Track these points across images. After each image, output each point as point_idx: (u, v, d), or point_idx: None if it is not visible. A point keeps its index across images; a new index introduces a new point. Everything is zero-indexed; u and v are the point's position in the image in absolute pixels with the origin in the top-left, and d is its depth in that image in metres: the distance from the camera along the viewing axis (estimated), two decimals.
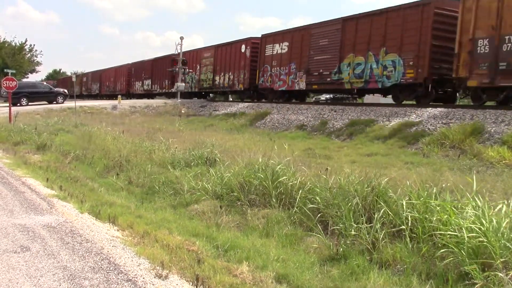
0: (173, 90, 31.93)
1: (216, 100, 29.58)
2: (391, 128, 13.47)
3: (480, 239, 3.68)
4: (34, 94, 29.49)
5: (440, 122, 12.58)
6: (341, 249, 4.34)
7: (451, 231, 3.92)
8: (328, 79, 19.57)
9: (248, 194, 6.04)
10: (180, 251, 4.34)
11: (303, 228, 5.11)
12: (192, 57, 31.04)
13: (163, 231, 5.03)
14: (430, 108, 14.38)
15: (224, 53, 27.29)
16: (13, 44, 49.68)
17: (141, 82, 38.00)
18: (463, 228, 3.85)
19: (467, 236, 3.73)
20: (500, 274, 3.37)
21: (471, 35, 13.32)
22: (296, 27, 22.45)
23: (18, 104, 26.80)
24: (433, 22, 15.14)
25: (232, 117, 21.73)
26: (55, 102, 29.87)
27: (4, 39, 49.14)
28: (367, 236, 4.41)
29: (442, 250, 3.86)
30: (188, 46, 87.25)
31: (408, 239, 4.23)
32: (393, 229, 4.49)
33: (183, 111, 26.46)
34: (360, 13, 18.43)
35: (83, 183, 7.76)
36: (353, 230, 4.56)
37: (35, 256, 4.07)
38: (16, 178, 7.82)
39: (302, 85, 21.16)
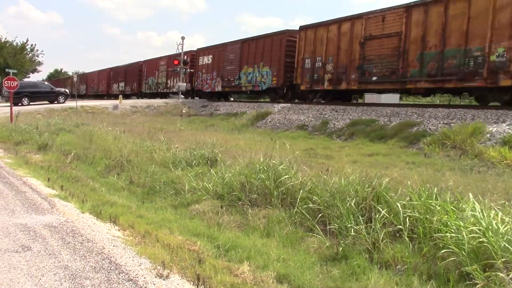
0: (174, 90, 32.30)
1: (217, 100, 29.64)
2: (392, 128, 13.46)
3: (480, 239, 3.68)
4: (35, 94, 29.55)
5: (441, 122, 12.57)
6: (341, 248, 4.34)
7: (452, 232, 3.92)
8: (233, 84, 26.57)
9: (249, 194, 6.04)
10: (181, 251, 4.34)
11: (304, 228, 5.11)
12: (152, 65, 37.76)
13: (164, 231, 5.03)
14: (431, 108, 14.38)
15: (173, 62, 33.29)
16: (15, 44, 49.81)
17: (117, 84, 45.24)
18: (463, 228, 3.85)
19: (468, 237, 3.73)
20: (501, 275, 3.37)
21: (302, 55, 20.91)
22: (217, 44, 29.13)
23: (20, 104, 26.86)
24: (286, 46, 22.35)
25: (233, 117, 21.74)
26: (56, 102, 29.93)
27: (6, 38, 49.28)
28: (367, 236, 4.41)
29: (442, 251, 3.86)
30: (189, 46, 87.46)
31: (407, 240, 4.23)
32: (393, 229, 4.49)
33: (184, 111, 26.48)
34: (250, 37, 25.42)
35: (84, 183, 7.76)
36: (352, 230, 4.56)
37: (36, 255, 4.08)
38: (18, 178, 7.83)
39: (219, 88, 28.23)
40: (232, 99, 33.13)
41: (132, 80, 41.15)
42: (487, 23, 13.02)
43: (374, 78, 17.12)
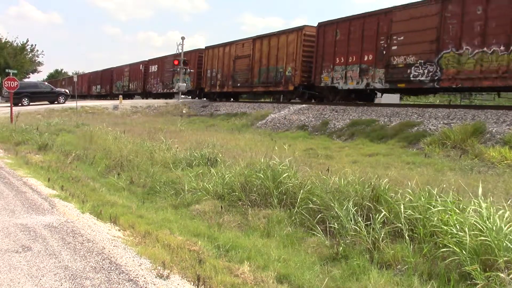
0: (174, 90, 32.31)
1: (217, 100, 29.67)
2: (392, 128, 13.47)
3: (481, 238, 3.68)
4: (35, 94, 29.55)
5: (441, 122, 12.57)
6: (341, 248, 4.34)
7: (453, 231, 3.92)
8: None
9: (249, 194, 6.04)
10: (181, 251, 4.34)
11: (304, 228, 5.11)
12: (119, 71, 45.83)
13: (164, 231, 5.03)
14: (431, 109, 14.38)
15: (133, 69, 42.26)
16: (15, 44, 49.83)
17: (95, 86, 53.18)
18: (463, 229, 3.85)
19: (469, 235, 3.73)
20: (502, 275, 3.37)
21: (205, 67, 29.58)
22: (160, 57, 37.01)
23: (20, 104, 26.87)
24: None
25: (234, 117, 21.74)
26: (56, 102, 29.94)
27: (6, 39, 49.29)
28: (368, 236, 4.41)
29: (442, 250, 3.85)
30: (190, 46, 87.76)
31: (407, 239, 4.23)
32: (394, 229, 4.49)
33: (184, 111, 26.48)
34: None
35: (84, 183, 7.76)
36: (352, 230, 4.56)
37: (36, 256, 4.08)
38: (18, 178, 7.83)
39: (160, 90, 36.18)
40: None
41: (106, 83, 49.82)
42: (284, 52, 22.30)
43: (239, 84, 26.32)
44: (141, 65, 40.08)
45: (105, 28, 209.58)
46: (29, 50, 52.00)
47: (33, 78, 65.56)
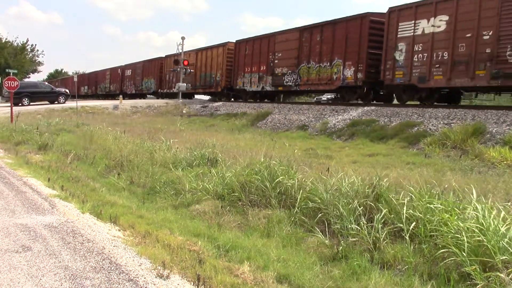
0: (174, 90, 32.34)
1: (218, 100, 29.67)
2: (392, 128, 13.46)
3: (480, 238, 3.68)
4: (35, 94, 29.53)
5: (441, 122, 12.57)
6: (341, 248, 4.34)
7: (452, 232, 3.92)
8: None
9: (249, 194, 6.04)
10: (181, 251, 4.34)
11: (304, 228, 5.11)
12: (102, 74, 51.21)
13: (164, 231, 5.03)
14: (431, 109, 14.38)
15: (113, 73, 46.74)
16: (15, 44, 49.82)
17: (83, 87, 57.25)
18: (462, 229, 3.85)
19: (467, 236, 3.73)
20: (501, 275, 3.37)
21: (165, 72, 36.23)
22: (133, 62, 41.79)
23: (20, 104, 26.86)
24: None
25: (234, 117, 21.73)
26: (56, 102, 29.94)
27: (6, 39, 49.28)
28: (368, 236, 4.41)
29: (442, 250, 3.85)
30: (190, 46, 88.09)
31: (408, 240, 4.23)
32: (394, 229, 4.49)
33: (184, 111, 26.48)
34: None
35: (84, 183, 7.76)
36: (352, 230, 4.56)
37: (36, 256, 4.08)
38: (18, 178, 7.83)
39: (133, 91, 40.48)
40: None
41: (92, 84, 54.87)
42: (215, 62, 29.11)
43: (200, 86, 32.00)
44: (119, 70, 45.74)
45: (105, 28, 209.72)
46: (29, 50, 52.07)
47: (33, 78, 66.11)
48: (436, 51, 15.04)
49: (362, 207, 4.92)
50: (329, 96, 33.44)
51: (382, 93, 19.00)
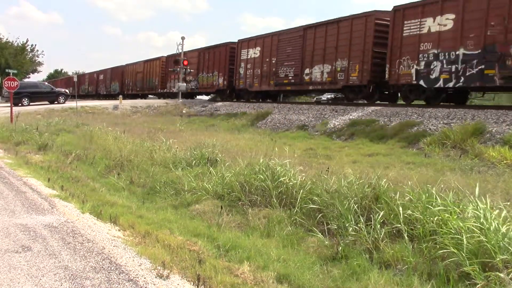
0: (174, 90, 32.34)
1: (218, 100, 29.67)
2: (392, 128, 13.46)
3: (479, 238, 3.68)
4: (35, 94, 29.49)
5: (441, 122, 12.57)
6: (341, 248, 4.34)
7: (452, 232, 3.92)
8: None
9: (249, 194, 6.04)
10: (181, 251, 4.35)
11: (304, 228, 5.11)
12: (83, 77, 57.92)
13: (164, 231, 5.03)
14: (431, 108, 14.38)
15: (90, 77, 54.83)
16: (15, 44, 49.77)
17: (68, 89, 65.04)
18: (462, 228, 3.85)
19: (466, 237, 3.73)
20: (501, 275, 3.37)
21: (125, 77, 46.26)
22: (104, 69, 50.43)
23: (20, 104, 26.82)
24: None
25: (233, 117, 21.72)
26: (56, 102, 29.90)
27: (7, 39, 49.24)
28: (367, 236, 4.41)
29: (442, 251, 3.85)
30: (190, 46, 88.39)
31: (407, 239, 4.23)
32: (393, 229, 4.49)
33: (184, 111, 26.47)
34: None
35: (84, 183, 7.77)
36: (351, 230, 4.56)
37: (36, 256, 4.08)
38: (18, 178, 7.83)
39: (104, 92, 48.77)
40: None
41: (79, 85, 57.83)
42: (157, 72, 37.52)
43: (138, 89, 40.16)
44: (94, 74, 54.32)
45: (105, 28, 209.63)
46: (29, 50, 52.00)
47: (33, 78, 66.30)
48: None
49: (361, 207, 4.92)
50: (329, 96, 33.44)
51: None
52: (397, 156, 10.30)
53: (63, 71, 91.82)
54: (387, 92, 18.61)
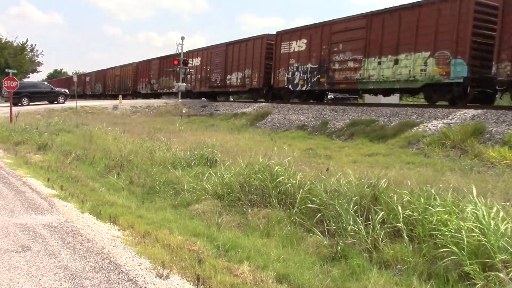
0: (174, 90, 32.33)
1: (218, 100, 29.67)
2: (392, 128, 13.46)
3: (479, 238, 3.68)
4: (35, 94, 29.49)
5: (441, 122, 12.57)
6: (340, 248, 4.34)
7: (451, 231, 3.92)
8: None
9: (249, 194, 6.04)
10: (181, 251, 4.34)
11: (304, 228, 5.10)
12: (79, 78, 53.97)
13: (164, 231, 5.03)
14: (430, 109, 14.39)
15: (79, 79, 50.78)
16: (15, 44, 49.73)
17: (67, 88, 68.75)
18: (462, 228, 3.85)
19: (466, 236, 3.73)
20: (501, 275, 3.37)
21: (109, 80, 50.89)
22: (90, 72, 57.09)
23: (19, 104, 26.82)
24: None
25: (233, 117, 21.72)
26: (56, 102, 29.90)
27: (6, 39, 49.20)
28: (367, 236, 4.41)
29: (441, 250, 3.85)
30: (190, 46, 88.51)
31: (406, 239, 4.23)
32: (393, 229, 4.49)
33: (184, 111, 26.47)
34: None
35: (84, 183, 7.76)
36: (351, 230, 4.56)
37: (36, 255, 4.08)
38: (17, 178, 7.83)
39: (90, 92, 52.87)
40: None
41: (65, 87, 61.57)
42: (130, 76, 42.83)
43: (116, 90, 40.01)
44: (83, 76, 59.09)
45: (105, 28, 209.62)
46: (29, 50, 51.94)
47: (33, 78, 66.40)
48: None
49: (360, 207, 4.92)
50: (329, 96, 33.36)
51: None
52: (396, 156, 10.30)
53: (63, 71, 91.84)
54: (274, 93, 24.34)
